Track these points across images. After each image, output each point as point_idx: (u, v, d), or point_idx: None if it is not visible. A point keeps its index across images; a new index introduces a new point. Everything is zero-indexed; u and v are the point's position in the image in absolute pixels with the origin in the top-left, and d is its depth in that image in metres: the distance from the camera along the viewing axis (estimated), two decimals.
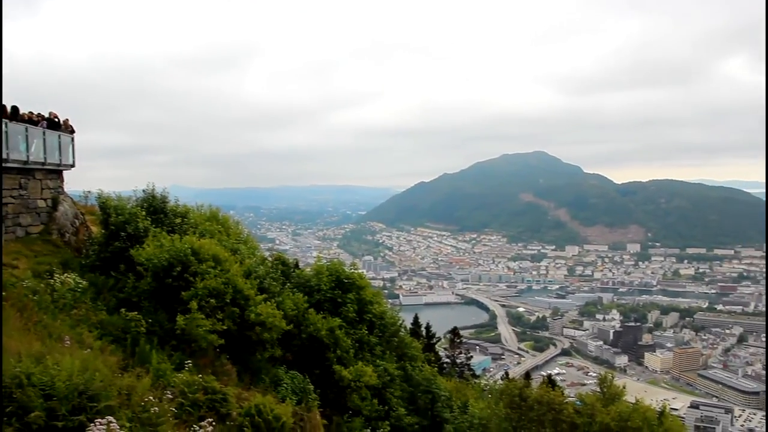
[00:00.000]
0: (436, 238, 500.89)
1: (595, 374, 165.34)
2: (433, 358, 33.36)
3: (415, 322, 49.53)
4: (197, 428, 11.49)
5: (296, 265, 26.37)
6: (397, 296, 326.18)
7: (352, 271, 24.00)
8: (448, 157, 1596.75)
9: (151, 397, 10.88)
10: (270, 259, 24.53)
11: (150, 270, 17.48)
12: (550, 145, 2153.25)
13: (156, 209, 21.65)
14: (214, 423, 11.99)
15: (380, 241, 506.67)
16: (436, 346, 51.15)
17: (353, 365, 20.40)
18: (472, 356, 58.53)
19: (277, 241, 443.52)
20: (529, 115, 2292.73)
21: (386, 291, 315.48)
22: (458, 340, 54.22)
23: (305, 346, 20.71)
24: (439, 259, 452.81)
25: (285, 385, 17.97)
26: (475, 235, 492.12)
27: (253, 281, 19.12)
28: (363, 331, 22.45)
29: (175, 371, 13.89)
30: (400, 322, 26.73)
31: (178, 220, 21.74)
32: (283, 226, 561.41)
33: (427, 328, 50.20)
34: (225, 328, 16.66)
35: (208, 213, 25.06)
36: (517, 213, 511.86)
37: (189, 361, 14.57)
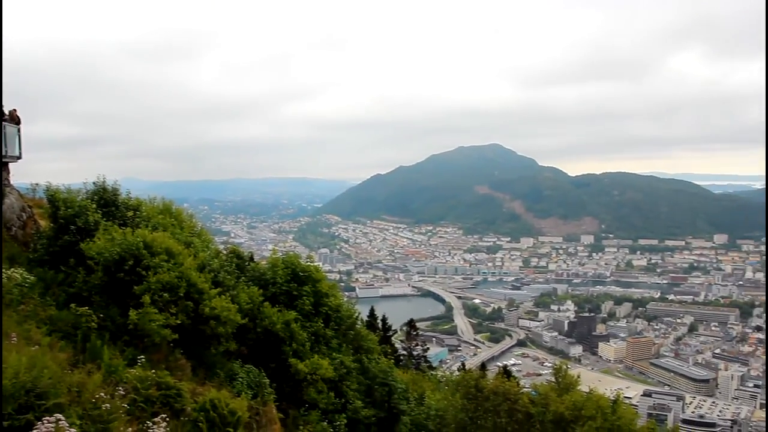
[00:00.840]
0: (392, 231, 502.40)
1: (550, 364, 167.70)
2: (389, 351, 33.46)
3: (372, 314, 49.63)
4: (150, 424, 11.31)
5: (251, 259, 26.16)
6: (354, 289, 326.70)
7: (308, 263, 23.86)
8: (405, 150, 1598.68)
9: (102, 394, 10.67)
10: (224, 252, 24.26)
11: (101, 264, 17.13)
12: (506, 137, 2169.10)
13: (107, 202, 21.21)
14: (167, 419, 11.82)
15: (336, 233, 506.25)
16: (393, 338, 51.34)
17: (309, 358, 20.32)
18: (428, 348, 58.93)
19: (232, 234, 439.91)
20: (485, 108, 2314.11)
21: (342, 284, 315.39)
22: (415, 333, 54.46)
23: (261, 339, 20.56)
24: (396, 251, 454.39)
25: (240, 379, 17.81)
26: (431, 228, 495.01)
27: (207, 275, 18.88)
28: (319, 324, 22.36)
29: (127, 367, 13.66)
30: (356, 314, 26.74)
31: (130, 213, 21.32)
32: (238, 219, 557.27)
33: (384, 320, 50.34)
34: (179, 322, 16.41)
35: (161, 206, 24.63)
36: (473, 205, 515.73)
37: (142, 357, 14.35)
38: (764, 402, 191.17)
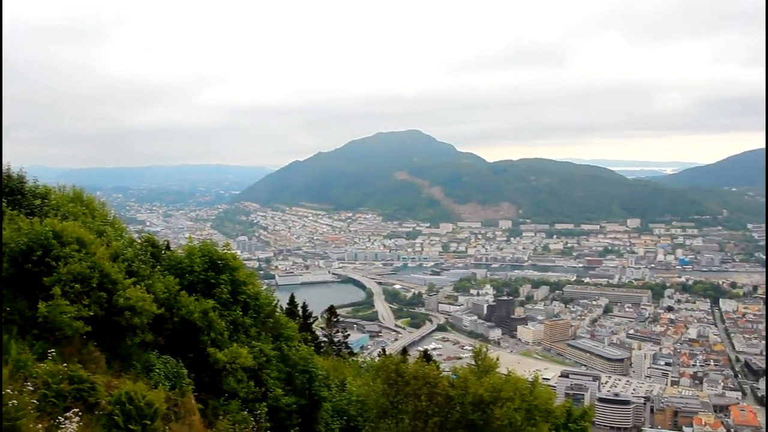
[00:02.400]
0: (311, 218, 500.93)
1: (469, 348, 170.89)
2: (309, 338, 33.33)
3: (291, 302, 49.35)
4: (62, 420, 10.99)
5: (167, 247, 25.57)
6: (273, 276, 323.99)
7: (225, 251, 23.49)
8: (323, 136, 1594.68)
9: (9, 390, 10.30)
10: (139, 241, 23.62)
11: (7, 255, 16.46)
12: (425, 124, 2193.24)
13: (12, 190, 20.38)
14: (80, 413, 11.52)
15: (255, 221, 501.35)
16: (313, 325, 51.16)
17: (228, 347, 20.06)
18: (349, 334, 59.17)
19: (148, 223, 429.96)
20: (405, 94, 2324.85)
21: (262, 271, 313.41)
22: (335, 319, 54.53)
23: (178, 329, 20.16)
24: (315, 238, 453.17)
25: (157, 370, 17.44)
26: (350, 214, 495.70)
27: (120, 264, 18.38)
28: (237, 312, 22.07)
29: (37, 361, 13.20)
30: (276, 302, 26.51)
31: (38, 202, 20.55)
32: (154, 208, 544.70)
33: (304, 307, 50.12)
34: (92, 314, 15.93)
35: (71, 194, 23.80)
36: (392, 191, 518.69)
37: (53, 350, 13.90)
38: (675, 379, 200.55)
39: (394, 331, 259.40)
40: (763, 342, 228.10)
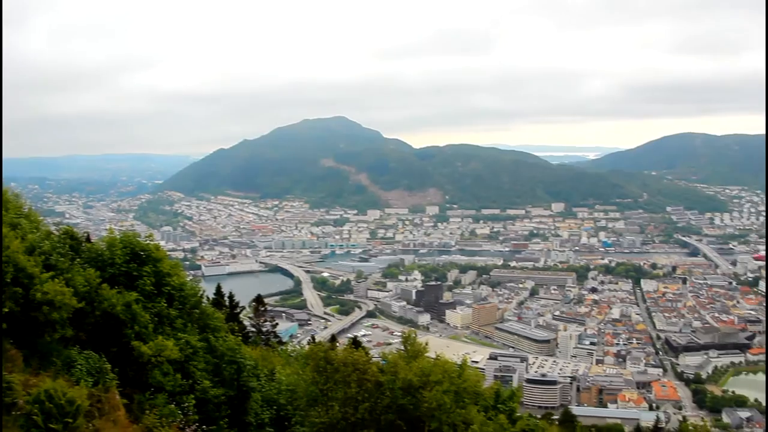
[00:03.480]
0: (237, 206, 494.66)
1: (399, 334, 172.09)
2: (237, 328, 32.99)
3: (218, 292, 48.64)
4: None
5: (87, 239, 24.74)
6: (199, 267, 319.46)
7: (148, 242, 22.89)
8: (248, 123, 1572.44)
9: None
10: (57, 233, 22.75)
11: None
12: (351, 110, 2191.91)
13: None
14: None
15: (179, 211, 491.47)
16: (241, 315, 50.64)
17: (153, 340, 19.63)
18: (277, 323, 58.71)
19: (67, 215, 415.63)
20: (330, 80, 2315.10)
21: (187, 262, 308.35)
22: (263, 308, 54.02)
23: (100, 323, 19.59)
24: (242, 227, 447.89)
25: (79, 366, 16.93)
26: (277, 202, 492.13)
27: (37, 258, 17.71)
28: (162, 304, 21.58)
29: None
30: (202, 293, 26.02)
31: None
32: (73, 199, 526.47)
33: (231, 297, 49.47)
34: (6, 310, 15.34)
35: None
36: (319, 178, 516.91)
37: None
38: (600, 358, 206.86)
39: (324, 318, 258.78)
40: (683, 320, 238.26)
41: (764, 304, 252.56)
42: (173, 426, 17.83)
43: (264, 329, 51.78)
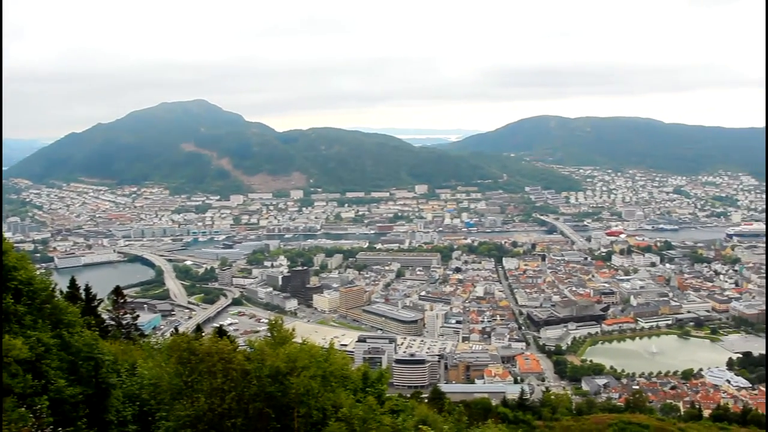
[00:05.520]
0: (92, 194, 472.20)
1: (266, 320, 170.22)
2: (94, 322, 31.32)
3: (72, 285, 46.16)
4: None
5: None
6: (52, 259, 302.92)
7: None
8: (102, 106, 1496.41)
9: None
10: None
11: None
12: (211, 93, 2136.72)
13: None
14: None
15: (27, 199, 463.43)
16: (99, 308, 48.35)
17: None
18: (138, 315, 56.61)
19: None
20: (188, 62, 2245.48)
21: (38, 254, 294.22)
22: (122, 300, 51.93)
23: None
24: (97, 215, 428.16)
25: None
26: (135, 189, 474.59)
27: None
28: (8, 300, 20.15)
29: None
30: (54, 286, 24.53)
31: None
32: None
33: (87, 290, 47.07)
34: None
35: None
36: (179, 163, 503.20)
37: None
38: (466, 335, 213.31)
39: (188, 308, 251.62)
40: (543, 295, 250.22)
41: (617, 278, 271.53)
42: (23, 431, 16.69)
43: (124, 322, 49.85)
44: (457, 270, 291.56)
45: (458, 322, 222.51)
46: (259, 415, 21.70)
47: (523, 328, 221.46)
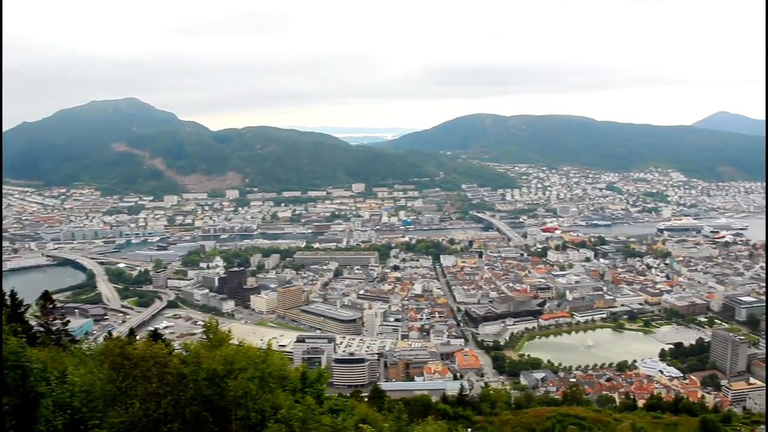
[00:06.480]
0: (17, 196, 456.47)
1: (202, 323, 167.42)
2: (20, 329, 30.28)
3: None
4: None
5: None
6: None
7: None
8: (27, 104, 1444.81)
9: None
10: None
11: None
12: (143, 91, 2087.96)
13: None
14: None
15: None
16: (26, 314, 46.76)
17: None
18: (69, 321, 54.88)
19: None
20: (118, 58, 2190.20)
21: None
22: (51, 305, 50.26)
23: None
24: (24, 218, 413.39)
25: None
26: (63, 190, 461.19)
27: None
28: None
29: None
30: None
31: None
32: None
33: (13, 295, 45.47)
34: None
35: None
36: (110, 164, 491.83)
37: None
38: (405, 333, 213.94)
39: (122, 312, 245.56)
40: (480, 291, 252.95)
41: (553, 273, 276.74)
42: None
43: (54, 328, 48.26)
44: (395, 268, 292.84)
45: (397, 320, 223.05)
46: (196, 418, 21.38)
47: (461, 324, 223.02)
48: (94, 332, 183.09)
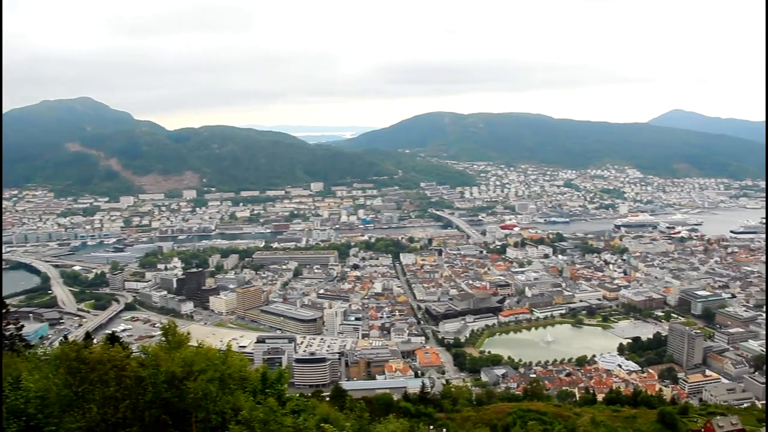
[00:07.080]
0: None
1: (161, 325, 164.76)
2: None
3: None
4: None
5: None
6: None
7: None
8: None
9: None
10: None
11: None
12: (96, 90, 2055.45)
13: None
14: None
15: None
16: None
17: None
18: (23, 325, 53.83)
19: None
20: (70, 56, 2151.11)
21: None
22: (4, 310, 49.30)
23: None
24: None
25: None
26: (15, 192, 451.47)
27: None
28: None
29: None
30: None
31: None
32: None
33: None
34: None
35: None
36: (64, 164, 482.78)
37: None
38: (366, 332, 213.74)
39: (78, 315, 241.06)
40: (440, 289, 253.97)
41: (512, 270, 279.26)
42: None
43: (7, 333, 47.34)
44: (355, 267, 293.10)
45: (357, 319, 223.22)
46: (155, 422, 21.17)
47: (422, 322, 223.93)
48: (50, 336, 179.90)
